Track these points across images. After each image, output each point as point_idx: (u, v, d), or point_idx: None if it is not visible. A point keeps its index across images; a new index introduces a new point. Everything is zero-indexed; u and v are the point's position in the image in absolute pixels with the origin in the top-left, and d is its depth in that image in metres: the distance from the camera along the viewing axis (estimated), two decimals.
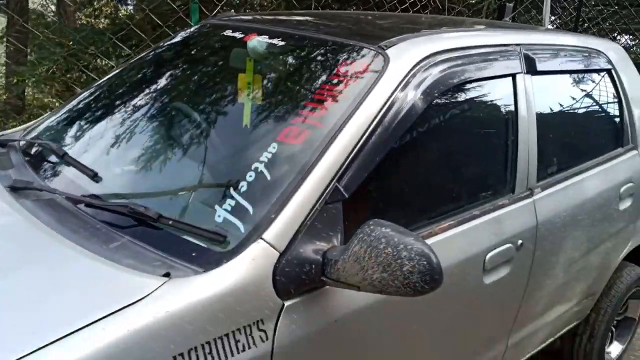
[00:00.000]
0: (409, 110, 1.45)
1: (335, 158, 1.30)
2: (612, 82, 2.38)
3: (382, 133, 1.39)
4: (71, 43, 5.28)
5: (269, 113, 1.48)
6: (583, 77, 2.25)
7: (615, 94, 2.39)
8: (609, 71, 2.36)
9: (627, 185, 2.33)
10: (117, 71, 1.96)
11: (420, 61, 1.52)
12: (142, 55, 2.00)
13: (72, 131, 1.72)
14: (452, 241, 1.56)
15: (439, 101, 1.58)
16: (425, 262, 1.12)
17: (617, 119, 2.40)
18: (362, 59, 1.52)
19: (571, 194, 2.01)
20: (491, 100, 1.79)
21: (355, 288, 1.18)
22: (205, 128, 1.52)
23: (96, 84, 1.96)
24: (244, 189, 1.28)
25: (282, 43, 1.70)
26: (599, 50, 2.33)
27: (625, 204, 2.34)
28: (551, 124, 2.03)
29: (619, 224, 2.34)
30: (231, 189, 1.29)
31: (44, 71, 5.25)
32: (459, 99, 1.67)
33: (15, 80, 5.18)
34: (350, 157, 1.32)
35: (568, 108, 2.17)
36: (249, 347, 1.13)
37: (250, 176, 1.30)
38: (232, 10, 4.27)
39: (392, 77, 1.45)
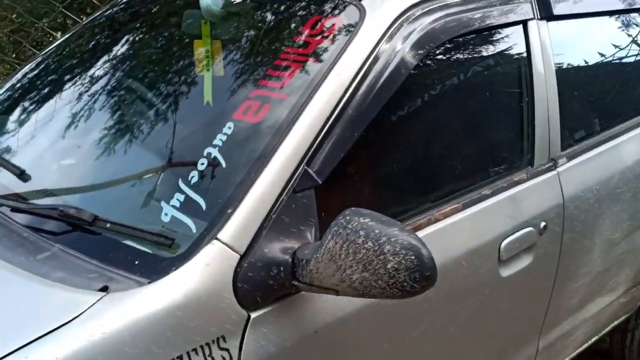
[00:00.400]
0: (394, 71, 1.42)
1: (302, 136, 1.28)
2: None
3: (360, 102, 1.36)
4: (15, 16, 5.26)
5: (225, 87, 1.46)
6: (616, 21, 2.20)
7: None
8: None
9: None
10: (48, 49, 1.94)
11: (405, 11, 1.49)
12: (76, 28, 1.98)
13: None
14: (457, 228, 1.55)
15: (431, 59, 1.55)
16: (413, 257, 1.10)
17: None
18: (333, 13, 1.49)
19: (605, 162, 1.99)
20: (498, 55, 1.76)
21: (333, 292, 1.17)
22: (149, 111, 1.51)
23: (27, 66, 1.95)
24: (194, 179, 1.27)
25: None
26: None
27: None
28: (577, 81, 2.00)
29: None
30: (180, 181, 1.27)
31: None
32: (458, 55, 1.65)
33: None
34: (321, 134, 1.30)
35: (599, 60, 2.13)
36: None
37: (202, 164, 1.29)
38: None
39: (370, 33, 1.42)
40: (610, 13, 2.17)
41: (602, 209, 1.97)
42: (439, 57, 1.59)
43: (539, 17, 1.83)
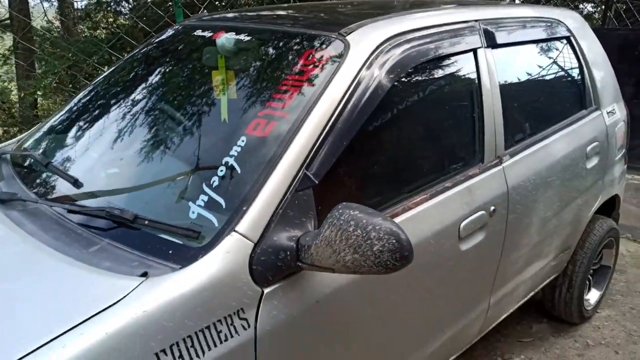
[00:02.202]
0: (373, 92, 1.36)
1: (302, 146, 1.21)
2: (572, 48, 2.27)
3: (347, 117, 1.30)
4: (70, 55, 5.17)
5: (238, 108, 1.38)
6: (543, 47, 2.14)
7: (576, 60, 2.28)
8: (567, 38, 2.25)
9: (593, 144, 2.24)
10: (96, 81, 1.85)
11: (381, 44, 1.42)
12: (118, 63, 1.89)
13: (56, 141, 1.63)
14: (426, 214, 1.48)
15: (403, 81, 1.48)
16: (394, 241, 1.04)
17: (579, 83, 2.30)
18: (324, 47, 1.42)
19: (539, 157, 1.93)
20: (455, 76, 1.69)
21: (330, 270, 1.10)
22: (178, 128, 1.43)
23: (79, 94, 1.86)
24: (216, 183, 1.20)
25: (249, 38, 1.59)
26: (558, 20, 2.22)
27: (592, 162, 2.26)
28: (515, 94, 1.93)
29: (587, 181, 2.25)
30: (204, 185, 1.20)
31: (48, 83, 5.15)
32: (423, 77, 1.57)
33: (23, 94, 5.08)
34: (317, 144, 1.23)
35: (531, 77, 2.06)
36: (232, 336, 1.06)
37: (222, 170, 1.21)
38: (217, 10, 4.14)
39: (353, 62, 1.35)
40: (539, 41, 2.10)
41: (538, 194, 1.91)
42: (408, 79, 1.51)
43: (485, 46, 1.76)
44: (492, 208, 1.68)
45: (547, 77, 2.15)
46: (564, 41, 2.24)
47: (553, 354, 2.51)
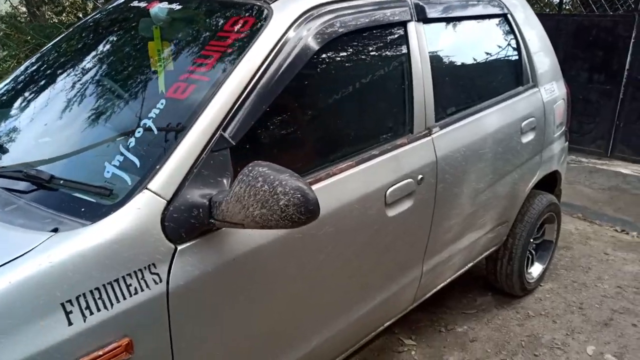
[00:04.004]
0: (295, 58, 1.39)
1: (219, 108, 1.25)
2: (509, 26, 2.34)
3: (267, 82, 1.33)
4: (30, 38, 5.08)
5: (161, 73, 1.40)
6: (479, 23, 2.20)
7: (513, 38, 2.35)
8: (505, 16, 2.31)
9: (529, 120, 2.32)
10: (35, 56, 1.85)
11: (305, 12, 1.46)
12: (57, 38, 1.89)
13: None
14: (351, 180, 1.53)
15: (328, 49, 1.52)
16: (299, 195, 1.09)
17: (516, 61, 2.37)
18: (248, 13, 1.45)
19: (470, 130, 1.99)
20: (383, 48, 1.73)
21: (240, 226, 1.14)
22: (103, 94, 1.45)
23: (20, 67, 1.85)
24: (132, 144, 1.22)
25: (180, 7, 1.61)
26: None
27: (528, 137, 2.34)
28: (447, 68, 1.99)
29: (523, 156, 2.33)
30: (120, 146, 1.23)
31: (7, 67, 5.06)
32: (350, 47, 1.61)
33: None
34: (235, 107, 1.27)
35: (465, 52, 2.12)
36: (142, 290, 1.09)
37: (139, 132, 1.24)
38: None
39: (275, 28, 1.39)
40: (474, 17, 2.16)
41: (469, 166, 1.98)
42: (334, 48, 1.56)
43: (416, 20, 1.81)
44: (420, 177, 1.74)
45: (482, 54, 2.21)
46: (502, 19, 2.31)
47: (495, 324, 2.61)
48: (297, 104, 1.47)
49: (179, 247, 1.15)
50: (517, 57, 2.36)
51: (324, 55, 1.52)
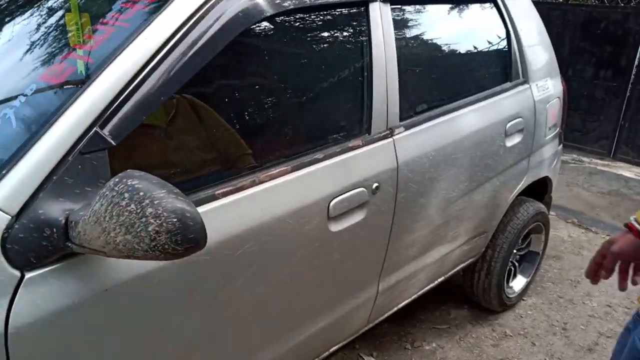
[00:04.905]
0: (211, 42, 1.10)
1: (97, 97, 0.97)
2: (498, 13, 2.03)
3: (169, 68, 1.05)
4: None
5: (44, 52, 1.13)
6: (461, 7, 1.89)
7: (503, 26, 2.05)
8: (493, 0, 2.00)
9: (515, 120, 2.03)
10: None
11: None
12: None
13: None
14: (283, 189, 1.26)
15: (259, 31, 1.24)
16: (174, 220, 0.82)
17: (504, 53, 2.07)
18: None
19: (442, 132, 1.71)
20: (336, 31, 1.45)
21: (102, 254, 0.88)
22: None
23: None
24: None
25: None
26: None
27: (514, 140, 2.05)
28: (418, 59, 1.70)
29: (506, 161, 2.05)
30: None
31: None
32: (293, 28, 1.33)
33: None
34: (122, 96, 0.99)
35: (441, 41, 1.82)
36: None
37: None
38: None
39: (186, 2, 1.10)
40: (456, 1, 1.85)
41: (438, 172, 1.70)
42: (268, 29, 1.27)
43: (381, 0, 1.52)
44: (375, 185, 1.47)
45: (463, 44, 1.91)
46: (490, 4, 2.00)
47: (467, 343, 2.35)
48: (210, 96, 1.19)
49: (27, 275, 0.89)
50: (506, 49, 2.06)
51: (253, 38, 1.24)
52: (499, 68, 2.03)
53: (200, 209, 1.07)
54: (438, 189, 1.73)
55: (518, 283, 2.60)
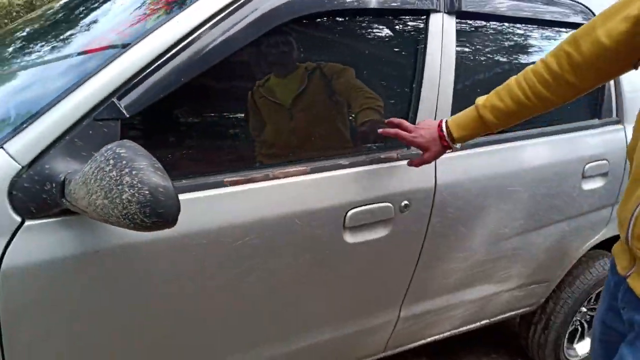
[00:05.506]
0: (243, 31, 1.13)
1: (119, 71, 1.03)
2: None
3: (195, 53, 1.08)
4: None
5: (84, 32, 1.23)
6: (545, 28, 1.72)
7: None
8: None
9: (598, 162, 1.79)
10: None
11: None
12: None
13: None
14: (297, 188, 1.24)
15: (300, 27, 1.23)
16: (147, 192, 0.84)
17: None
18: None
19: (499, 159, 1.56)
20: (388, 37, 1.39)
21: (85, 214, 0.93)
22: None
23: None
24: (21, 98, 1.06)
25: None
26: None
27: (593, 184, 1.81)
28: (484, 77, 1.58)
29: (581, 206, 1.82)
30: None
31: None
32: (337, 27, 1.30)
33: None
34: (142, 74, 1.04)
35: (516, 61, 1.66)
36: None
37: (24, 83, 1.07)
38: None
39: None
40: (538, 22, 1.67)
41: (488, 202, 1.55)
42: (317, 25, 1.26)
43: (445, 10, 1.43)
44: (405, 202, 1.38)
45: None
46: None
47: None
48: (238, 83, 1.21)
49: (27, 223, 0.97)
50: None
51: (296, 32, 1.24)
52: (586, 101, 1.81)
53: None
54: (485, 220, 1.58)
55: (583, 347, 2.29)
